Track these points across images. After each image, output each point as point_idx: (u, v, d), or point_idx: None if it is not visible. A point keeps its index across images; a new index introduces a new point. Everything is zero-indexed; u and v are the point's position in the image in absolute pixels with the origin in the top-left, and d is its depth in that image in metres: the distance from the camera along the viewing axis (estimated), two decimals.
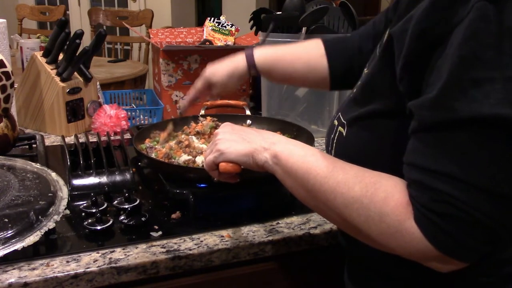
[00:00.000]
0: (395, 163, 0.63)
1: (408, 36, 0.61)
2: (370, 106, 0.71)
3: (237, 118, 1.32)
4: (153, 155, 1.11)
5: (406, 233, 0.60)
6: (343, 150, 0.76)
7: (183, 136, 1.19)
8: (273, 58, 1.04)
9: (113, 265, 0.82)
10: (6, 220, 0.81)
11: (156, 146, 1.16)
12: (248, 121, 1.28)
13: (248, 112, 1.39)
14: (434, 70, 0.58)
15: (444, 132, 0.57)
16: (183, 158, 1.07)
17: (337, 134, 0.78)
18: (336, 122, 0.79)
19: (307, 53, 1.04)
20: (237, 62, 1.05)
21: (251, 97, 1.68)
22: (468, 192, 0.56)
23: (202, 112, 1.38)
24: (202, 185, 1.02)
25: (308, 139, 1.17)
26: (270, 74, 1.07)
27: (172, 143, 1.16)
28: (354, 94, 0.78)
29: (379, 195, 0.62)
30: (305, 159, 0.70)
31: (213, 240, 0.90)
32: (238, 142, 0.77)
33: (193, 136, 1.19)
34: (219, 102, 1.46)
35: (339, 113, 0.79)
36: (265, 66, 1.04)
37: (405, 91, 0.63)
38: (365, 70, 0.80)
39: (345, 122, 0.76)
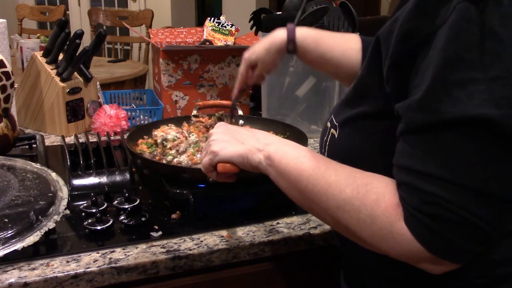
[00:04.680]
0: (386, 164, 0.63)
1: (394, 37, 0.61)
2: (360, 107, 0.72)
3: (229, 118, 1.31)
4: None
5: (397, 235, 0.60)
6: (335, 152, 0.76)
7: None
8: (315, 37, 0.99)
9: (113, 265, 0.82)
10: (6, 220, 0.81)
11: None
12: (241, 121, 1.27)
13: (240, 112, 1.38)
14: (419, 72, 0.58)
15: (430, 134, 0.57)
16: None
17: (329, 137, 0.78)
18: (329, 125, 0.80)
19: (346, 43, 1.00)
20: (276, 36, 1.01)
21: (251, 97, 1.67)
22: (456, 193, 0.56)
23: (194, 112, 1.38)
24: (202, 185, 1.02)
25: (301, 139, 1.16)
26: (305, 54, 1.00)
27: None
28: (346, 96, 0.78)
29: (370, 197, 0.62)
30: (298, 160, 0.70)
31: (213, 240, 0.90)
32: (232, 143, 0.78)
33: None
34: (211, 102, 1.45)
35: (332, 116, 0.79)
36: (305, 43, 0.98)
37: (391, 92, 0.63)
38: (359, 72, 0.80)
39: (337, 124, 0.76)
